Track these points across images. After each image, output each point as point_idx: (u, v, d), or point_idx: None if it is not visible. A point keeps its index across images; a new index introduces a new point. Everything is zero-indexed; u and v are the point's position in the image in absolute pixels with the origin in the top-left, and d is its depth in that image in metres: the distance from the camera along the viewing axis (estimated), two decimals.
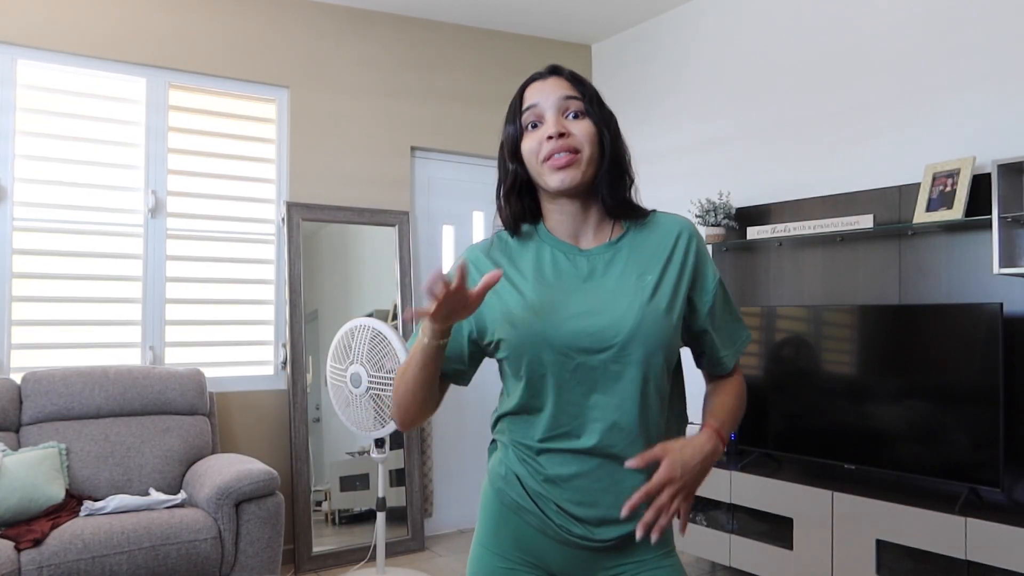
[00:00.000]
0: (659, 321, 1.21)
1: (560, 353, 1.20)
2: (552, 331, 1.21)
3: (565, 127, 1.23)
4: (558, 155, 1.22)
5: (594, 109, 1.25)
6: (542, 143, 1.23)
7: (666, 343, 1.22)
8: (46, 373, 3.21)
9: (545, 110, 1.24)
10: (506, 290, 1.26)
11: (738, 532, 3.38)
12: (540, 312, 1.22)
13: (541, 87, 1.26)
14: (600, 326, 1.20)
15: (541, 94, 1.25)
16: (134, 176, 3.62)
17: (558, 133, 1.22)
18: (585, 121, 1.24)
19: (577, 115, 1.24)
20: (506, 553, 1.29)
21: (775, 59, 3.80)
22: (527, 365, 1.22)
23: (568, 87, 1.25)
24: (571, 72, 1.29)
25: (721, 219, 3.76)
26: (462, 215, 4.53)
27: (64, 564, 2.59)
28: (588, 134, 1.23)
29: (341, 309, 4.04)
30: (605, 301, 1.22)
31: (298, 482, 3.76)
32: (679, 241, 1.27)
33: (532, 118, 1.25)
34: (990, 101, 2.99)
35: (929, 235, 3.13)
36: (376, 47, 4.23)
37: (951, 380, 2.86)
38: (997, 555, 2.53)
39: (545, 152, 1.22)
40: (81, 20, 3.50)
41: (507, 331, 1.23)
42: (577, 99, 1.24)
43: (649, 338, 1.20)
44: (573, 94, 1.25)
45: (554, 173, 1.22)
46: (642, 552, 1.26)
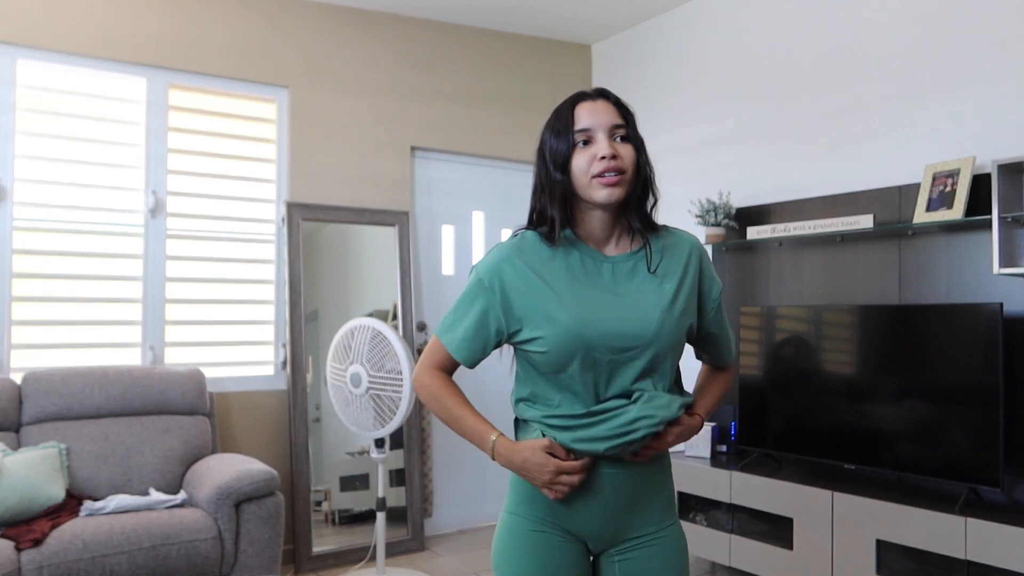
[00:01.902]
0: (675, 325, 1.40)
1: (592, 349, 1.37)
2: (588, 331, 1.37)
3: (616, 150, 1.39)
4: (609, 174, 1.38)
5: (634, 135, 1.43)
6: (593, 162, 1.39)
7: (678, 344, 1.43)
8: (46, 373, 3.21)
9: (596, 132, 1.40)
10: (541, 290, 1.41)
11: (738, 532, 3.38)
12: (577, 313, 1.38)
13: (593, 109, 1.42)
14: (628, 328, 1.38)
15: (593, 117, 1.41)
16: (134, 176, 3.62)
17: (611, 155, 1.38)
18: (628, 146, 1.42)
19: (622, 139, 1.41)
20: (539, 519, 1.44)
21: (775, 59, 3.80)
22: (561, 359, 1.38)
23: (616, 114, 1.42)
24: (616, 97, 1.45)
25: (721, 219, 3.76)
26: (462, 215, 4.53)
27: (64, 564, 2.59)
28: (631, 157, 1.41)
29: (341, 309, 4.04)
30: (632, 305, 1.40)
31: (298, 482, 3.76)
32: (691, 256, 1.47)
33: (584, 137, 1.40)
34: (990, 101, 2.99)
35: (929, 235, 3.13)
36: (376, 47, 4.23)
37: (951, 380, 2.86)
38: (997, 555, 2.53)
39: (597, 169, 1.38)
40: (81, 20, 3.50)
41: (547, 329, 1.39)
42: (623, 126, 1.42)
43: (666, 339, 1.40)
44: (620, 122, 1.42)
45: (602, 189, 1.38)
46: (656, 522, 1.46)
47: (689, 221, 4.07)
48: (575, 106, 1.43)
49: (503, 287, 1.43)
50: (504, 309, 1.43)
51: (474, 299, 1.47)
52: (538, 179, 1.46)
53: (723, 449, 3.71)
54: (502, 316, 1.44)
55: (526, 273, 1.42)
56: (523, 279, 1.42)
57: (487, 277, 1.45)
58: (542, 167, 1.45)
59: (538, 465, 1.38)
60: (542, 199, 1.45)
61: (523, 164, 4.75)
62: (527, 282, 1.42)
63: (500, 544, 1.47)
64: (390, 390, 3.27)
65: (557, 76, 4.81)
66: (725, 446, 3.72)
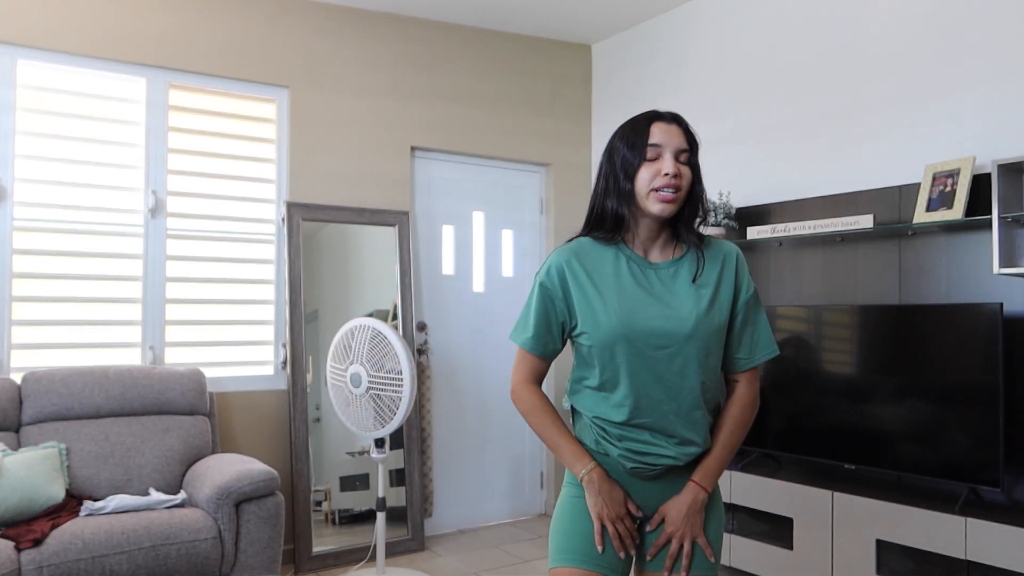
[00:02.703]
0: (711, 326, 1.56)
1: (634, 346, 1.54)
2: (629, 330, 1.54)
3: (679, 170, 1.54)
4: (667, 190, 1.53)
5: (695, 161, 1.59)
6: (656, 176, 1.54)
7: (715, 344, 1.57)
8: (46, 373, 3.21)
9: (665, 150, 1.55)
10: (591, 292, 1.59)
11: (738, 532, 3.38)
12: (619, 314, 1.55)
13: (667, 130, 1.57)
14: (667, 327, 1.54)
15: (666, 137, 1.56)
16: (134, 176, 3.62)
17: (674, 173, 1.53)
18: (688, 169, 1.57)
19: (687, 162, 1.57)
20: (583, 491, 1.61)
21: (775, 59, 3.80)
22: (604, 353, 1.56)
23: (684, 139, 1.57)
24: (687, 124, 1.60)
25: (721, 219, 3.76)
26: (462, 215, 4.53)
27: (64, 564, 2.59)
28: (689, 179, 1.57)
29: (341, 309, 4.04)
30: (671, 308, 1.55)
31: (298, 482, 3.76)
32: (727, 262, 1.62)
33: (654, 154, 1.55)
34: (990, 101, 2.99)
35: (929, 235, 3.13)
36: (376, 47, 4.23)
37: (951, 380, 2.86)
38: (997, 555, 2.53)
39: (658, 184, 1.54)
40: (81, 20, 3.50)
41: (591, 327, 1.57)
42: (688, 151, 1.57)
43: (701, 339, 1.54)
44: (687, 147, 1.57)
45: (657, 203, 1.54)
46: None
47: None
48: (651, 123, 1.57)
49: (562, 287, 1.61)
50: (563, 305, 1.62)
51: (539, 301, 1.64)
52: (605, 183, 1.61)
53: None
54: (564, 311, 1.62)
55: (580, 275, 1.60)
56: (576, 281, 1.60)
57: (547, 280, 1.63)
58: (610, 173, 1.60)
59: (614, 504, 1.58)
60: (606, 202, 1.60)
61: (523, 164, 4.75)
62: (580, 284, 1.59)
63: (556, 509, 1.68)
64: (390, 390, 3.27)
65: (557, 76, 4.81)
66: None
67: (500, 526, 4.49)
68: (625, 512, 1.59)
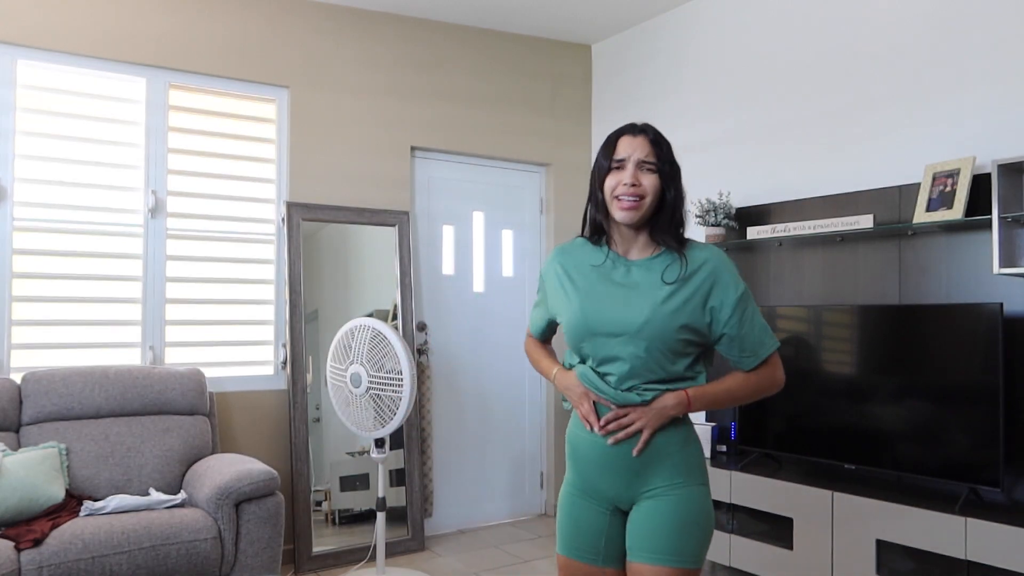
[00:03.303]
0: (663, 319, 1.64)
1: (595, 335, 1.69)
2: (591, 321, 1.70)
3: (638, 179, 1.67)
4: (626, 198, 1.67)
5: (664, 168, 1.68)
6: (618, 185, 1.68)
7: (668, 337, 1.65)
8: (46, 373, 3.21)
9: (628, 162, 1.68)
10: (568, 287, 1.77)
11: (738, 532, 3.38)
12: (584, 308, 1.71)
13: (631, 143, 1.69)
14: (622, 317, 1.67)
15: (630, 149, 1.69)
16: (134, 176, 3.62)
17: (631, 183, 1.66)
18: (653, 176, 1.68)
19: (648, 170, 1.68)
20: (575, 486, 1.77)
21: (775, 59, 3.80)
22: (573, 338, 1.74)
23: (649, 150, 1.68)
24: (655, 134, 1.71)
25: (721, 219, 3.76)
26: (462, 215, 4.53)
27: (64, 564, 2.59)
28: (653, 186, 1.67)
29: (341, 309, 4.04)
30: (631, 299, 1.68)
31: (298, 482, 3.76)
32: (704, 267, 1.68)
33: (618, 165, 1.69)
34: (990, 101, 2.99)
35: (929, 235, 3.13)
36: (376, 47, 4.23)
37: (951, 380, 2.86)
38: (997, 555, 2.53)
39: (618, 192, 1.68)
40: (81, 20, 3.50)
41: (562, 315, 1.78)
42: (651, 161, 1.67)
43: (653, 330, 1.64)
44: (650, 157, 1.68)
45: (619, 210, 1.68)
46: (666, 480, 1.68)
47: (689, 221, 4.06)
48: (620, 137, 1.72)
49: (547, 283, 1.86)
50: (549, 299, 1.85)
51: (539, 291, 1.93)
52: (589, 190, 1.78)
53: (723, 449, 3.72)
54: (549, 303, 1.86)
55: (559, 272, 1.80)
56: (557, 277, 1.80)
57: (542, 275, 1.88)
58: (591, 182, 1.77)
59: (577, 391, 1.74)
60: (588, 208, 1.78)
61: (523, 164, 4.75)
62: (559, 280, 1.79)
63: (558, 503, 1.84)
64: (390, 390, 3.27)
65: (557, 76, 4.81)
66: (725, 446, 3.72)
67: (500, 526, 4.49)
68: (583, 392, 1.73)
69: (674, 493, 1.67)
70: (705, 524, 1.68)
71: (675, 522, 1.65)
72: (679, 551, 1.63)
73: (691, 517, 1.66)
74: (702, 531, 1.67)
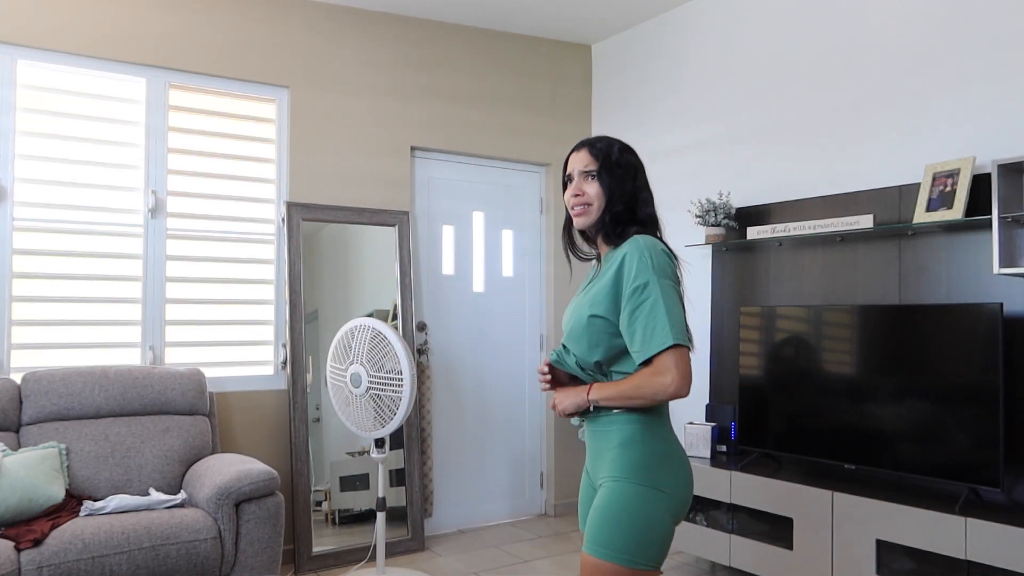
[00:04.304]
0: (582, 320, 1.76)
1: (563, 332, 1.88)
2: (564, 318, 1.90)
3: (581, 188, 1.82)
4: (576, 207, 1.83)
5: (603, 172, 1.80)
6: (570, 198, 1.85)
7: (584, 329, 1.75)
8: (46, 373, 3.21)
9: (574, 175, 1.85)
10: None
11: (738, 532, 3.38)
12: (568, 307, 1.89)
13: (575, 158, 1.85)
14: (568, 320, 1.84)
15: (574, 164, 1.85)
16: (134, 176, 3.62)
17: (575, 194, 1.83)
18: (595, 183, 1.81)
19: (592, 177, 1.81)
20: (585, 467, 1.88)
21: (775, 59, 3.80)
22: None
23: (589, 160, 1.82)
24: (592, 145, 1.84)
25: (721, 219, 3.76)
26: (462, 215, 4.53)
27: (64, 564, 2.59)
28: (596, 192, 1.81)
29: (341, 309, 4.04)
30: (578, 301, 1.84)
31: (298, 482, 3.76)
32: (618, 257, 1.74)
33: (568, 179, 1.87)
34: (990, 101, 2.99)
35: (929, 235, 3.13)
36: (376, 47, 4.23)
37: (951, 380, 2.86)
38: (997, 555, 2.53)
39: (569, 204, 1.86)
40: (81, 20, 3.50)
41: None
42: (591, 170, 1.81)
43: (573, 323, 1.80)
44: (590, 167, 1.81)
45: (575, 218, 1.86)
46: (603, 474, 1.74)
47: (689, 221, 4.07)
48: (569, 156, 1.87)
49: None
50: None
51: None
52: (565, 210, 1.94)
53: (723, 449, 3.71)
54: None
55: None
56: None
57: None
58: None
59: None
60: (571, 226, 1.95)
61: (523, 164, 4.75)
62: None
63: None
64: (390, 390, 3.27)
65: (557, 76, 4.81)
66: (725, 446, 3.72)
67: (500, 526, 4.49)
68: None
69: (607, 486, 1.70)
70: (633, 522, 1.65)
71: (603, 513, 1.67)
72: (603, 542, 1.65)
73: (616, 512, 1.66)
74: (631, 528, 1.64)
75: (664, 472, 1.69)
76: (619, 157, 1.82)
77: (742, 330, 3.60)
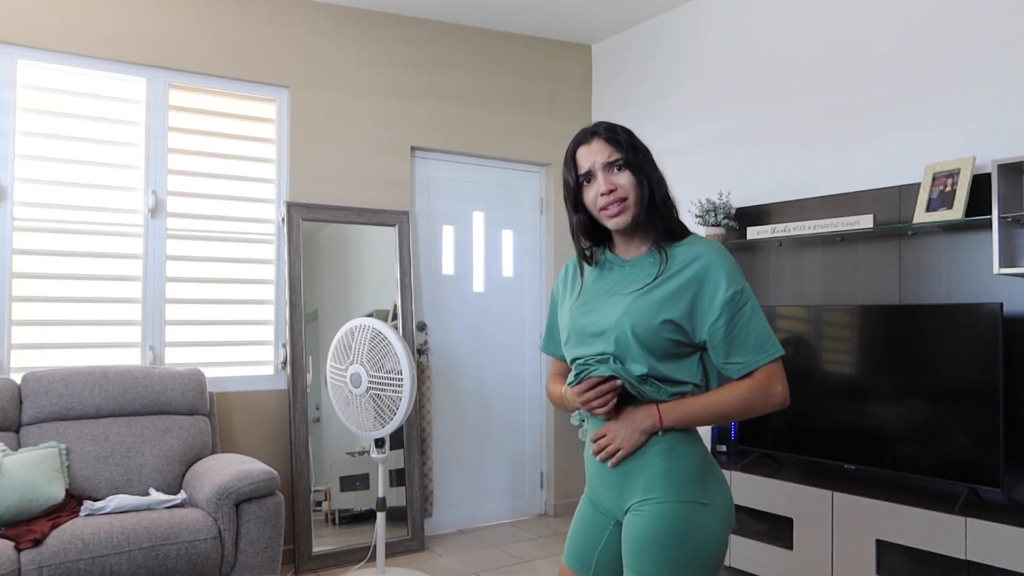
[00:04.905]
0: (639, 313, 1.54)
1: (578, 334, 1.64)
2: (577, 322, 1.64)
3: (612, 183, 1.58)
4: (611, 207, 1.58)
5: (632, 159, 1.59)
6: (597, 197, 1.59)
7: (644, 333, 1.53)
8: (46, 373, 3.21)
9: (595, 171, 1.60)
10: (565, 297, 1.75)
11: (738, 532, 3.38)
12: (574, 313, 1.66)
13: (588, 151, 1.61)
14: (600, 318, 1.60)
15: (589, 158, 1.60)
16: (134, 176, 3.62)
17: (608, 190, 1.58)
18: (626, 173, 1.59)
19: (619, 168, 1.59)
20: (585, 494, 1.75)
21: (775, 59, 3.80)
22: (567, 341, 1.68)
23: (608, 149, 1.59)
24: (607, 130, 1.61)
25: (721, 219, 3.76)
26: (462, 215, 4.53)
27: (64, 564, 2.59)
28: (631, 183, 1.59)
29: (341, 309, 4.04)
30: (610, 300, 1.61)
31: (298, 482, 3.76)
32: (696, 259, 1.56)
33: (588, 178, 1.61)
34: (990, 101, 2.99)
35: (929, 235, 3.13)
36: (376, 47, 4.23)
37: (951, 380, 2.86)
38: (997, 555, 2.53)
39: (601, 204, 1.59)
40: (81, 20, 3.50)
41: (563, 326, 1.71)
42: (617, 159, 1.59)
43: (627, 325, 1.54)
44: (614, 156, 1.59)
45: (608, 219, 1.60)
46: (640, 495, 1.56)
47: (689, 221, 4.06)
48: (576, 151, 1.63)
49: (558, 293, 1.80)
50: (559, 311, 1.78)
51: (550, 306, 1.85)
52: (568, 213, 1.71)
53: (723, 449, 3.71)
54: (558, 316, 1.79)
55: (568, 281, 1.76)
56: (564, 286, 1.78)
57: (553, 288, 1.83)
58: (567, 207, 1.69)
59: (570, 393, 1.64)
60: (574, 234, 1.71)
61: (523, 164, 4.75)
62: (565, 288, 1.77)
63: None
64: (390, 390, 3.27)
65: (557, 76, 4.81)
66: (725, 446, 3.72)
67: (500, 526, 4.49)
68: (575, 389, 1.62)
69: (645, 509, 1.53)
70: (680, 544, 1.50)
71: (641, 539, 1.51)
72: (643, 569, 1.50)
73: (657, 537, 1.50)
74: (676, 552, 1.49)
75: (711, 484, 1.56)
76: (636, 139, 1.64)
77: None
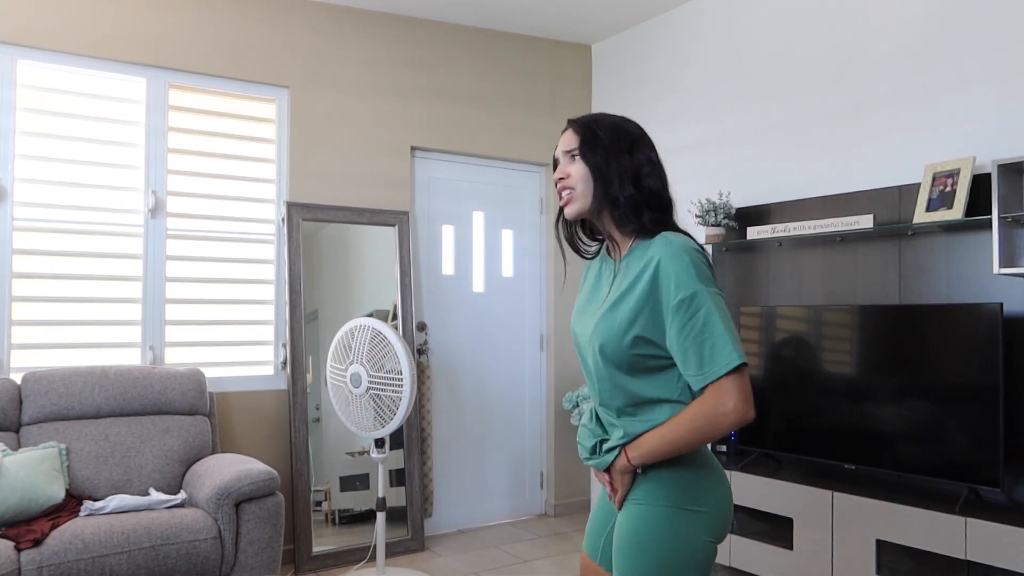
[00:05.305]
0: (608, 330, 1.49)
1: (574, 340, 1.64)
2: (574, 326, 1.64)
3: (565, 171, 1.57)
4: (564, 193, 1.58)
5: (588, 152, 1.53)
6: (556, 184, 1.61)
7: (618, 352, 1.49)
8: (46, 373, 3.21)
9: (560, 158, 1.60)
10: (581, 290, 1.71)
11: (738, 532, 3.38)
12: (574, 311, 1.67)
13: (561, 140, 1.60)
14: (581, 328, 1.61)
15: (560, 145, 1.60)
16: (134, 176, 3.62)
17: (557, 178, 1.59)
18: (578, 163, 1.55)
19: (573, 157, 1.56)
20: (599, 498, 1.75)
21: (775, 59, 3.80)
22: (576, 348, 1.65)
23: (573, 139, 1.56)
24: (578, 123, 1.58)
25: (721, 219, 3.76)
26: (462, 215, 4.53)
27: (64, 564, 2.59)
28: (580, 174, 1.55)
29: (341, 309, 4.04)
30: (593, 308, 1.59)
31: (298, 482, 3.76)
32: (648, 265, 1.47)
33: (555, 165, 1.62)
34: (990, 101, 2.99)
35: (929, 235, 3.13)
36: (376, 47, 4.23)
37: (951, 380, 2.86)
38: (997, 555, 2.53)
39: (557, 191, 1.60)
40: (81, 20, 3.50)
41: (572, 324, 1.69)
42: (574, 149, 1.56)
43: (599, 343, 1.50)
44: (573, 146, 1.56)
45: (563, 206, 1.60)
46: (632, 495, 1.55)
47: (689, 221, 4.07)
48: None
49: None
50: None
51: None
52: None
53: (723, 449, 3.71)
54: None
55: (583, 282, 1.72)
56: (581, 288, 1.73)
57: None
58: None
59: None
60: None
61: (523, 164, 4.75)
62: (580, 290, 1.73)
63: None
64: (390, 390, 3.28)
65: (557, 76, 4.81)
66: (725, 446, 3.72)
67: (500, 526, 4.49)
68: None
69: (628, 510, 1.54)
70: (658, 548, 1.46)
71: (621, 539, 1.52)
72: (621, 569, 1.51)
73: (633, 538, 1.50)
74: (654, 556, 1.46)
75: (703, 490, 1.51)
76: (607, 130, 1.54)
77: (742, 330, 3.60)
